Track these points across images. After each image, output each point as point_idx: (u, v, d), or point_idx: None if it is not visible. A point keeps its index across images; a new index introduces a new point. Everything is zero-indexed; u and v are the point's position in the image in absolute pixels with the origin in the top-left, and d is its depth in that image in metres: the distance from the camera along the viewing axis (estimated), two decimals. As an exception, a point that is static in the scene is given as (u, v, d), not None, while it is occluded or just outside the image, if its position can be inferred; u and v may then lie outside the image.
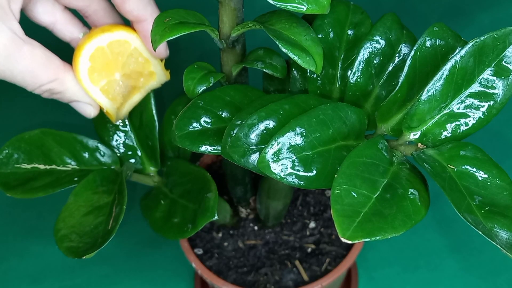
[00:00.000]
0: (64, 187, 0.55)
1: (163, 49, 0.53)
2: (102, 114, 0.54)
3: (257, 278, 0.63)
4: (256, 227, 0.66)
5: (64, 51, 0.52)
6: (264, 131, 0.43)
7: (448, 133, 0.44)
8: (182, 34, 0.45)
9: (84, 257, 0.49)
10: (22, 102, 0.88)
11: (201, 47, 0.86)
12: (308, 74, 0.50)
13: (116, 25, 0.52)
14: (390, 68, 0.49)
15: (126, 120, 0.58)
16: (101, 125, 0.58)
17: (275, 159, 0.40)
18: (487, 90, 0.44)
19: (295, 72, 0.51)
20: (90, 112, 0.53)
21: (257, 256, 0.65)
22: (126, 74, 0.53)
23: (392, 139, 0.46)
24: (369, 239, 0.38)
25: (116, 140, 0.58)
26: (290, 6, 0.40)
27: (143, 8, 0.49)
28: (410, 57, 0.45)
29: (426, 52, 0.45)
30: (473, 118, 0.44)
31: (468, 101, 0.44)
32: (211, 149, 0.46)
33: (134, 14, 0.50)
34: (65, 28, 0.53)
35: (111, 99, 0.53)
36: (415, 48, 0.45)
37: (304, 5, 0.40)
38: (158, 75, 0.54)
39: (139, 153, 0.59)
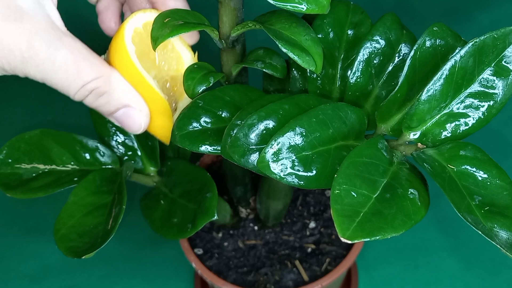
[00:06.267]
0: (64, 187, 0.55)
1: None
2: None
3: (257, 278, 0.63)
4: (256, 227, 0.66)
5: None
6: (264, 131, 0.42)
7: (448, 133, 0.44)
8: (182, 34, 0.45)
9: (83, 257, 0.49)
10: (22, 102, 0.88)
11: (201, 47, 0.86)
12: (308, 74, 0.50)
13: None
14: (390, 68, 0.49)
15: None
16: (101, 125, 0.58)
17: (275, 159, 0.40)
18: (487, 90, 0.44)
19: (295, 72, 0.51)
20: (140, 121, 0.43)
21: (257, 256, 0.64)
22: (165, 72, 0.46)
23: (392, 139, 0.46)
24: (369, 239, 0.38)
25: (116, 140, 0.58)
26: (290, 6, 0.40)
27: None
28: (410, 57, 0.45)
29: (426, 52, 0.45)
30: (473, 118, 0.44)
31: (468, 101, 0.44)
32: (211, 149, 0.46)
33: None
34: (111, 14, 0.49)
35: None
36: (415, 48, 0.45)
37: (304, 5, 0.40)
38: None
39: (139, 153, 0.58)
